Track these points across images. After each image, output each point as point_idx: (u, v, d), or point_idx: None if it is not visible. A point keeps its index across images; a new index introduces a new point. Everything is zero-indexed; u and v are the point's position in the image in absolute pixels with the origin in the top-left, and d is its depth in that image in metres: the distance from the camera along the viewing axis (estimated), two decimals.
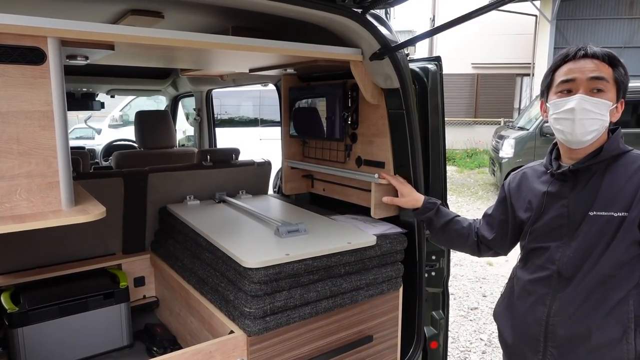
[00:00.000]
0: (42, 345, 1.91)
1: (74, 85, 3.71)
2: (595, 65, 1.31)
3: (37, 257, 2.17)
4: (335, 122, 2.27)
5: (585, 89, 1.31)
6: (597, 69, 1.31)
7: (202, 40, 1.56)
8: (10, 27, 1.17)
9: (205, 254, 1.92)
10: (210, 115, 4.23)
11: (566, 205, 1.38)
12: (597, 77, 1.31)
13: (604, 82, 1.31)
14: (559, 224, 1.39)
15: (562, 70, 1.36)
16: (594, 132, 1.32)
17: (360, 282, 1.83)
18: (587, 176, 1.36)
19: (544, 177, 1.47)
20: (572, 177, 1.38)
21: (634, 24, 12.38)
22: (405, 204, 1.90)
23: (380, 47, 1.83)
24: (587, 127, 1.31)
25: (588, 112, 1.30)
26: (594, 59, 1.32)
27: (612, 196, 1.31)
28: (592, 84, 1.31)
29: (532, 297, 1.45)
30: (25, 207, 1.24)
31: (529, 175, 1.54)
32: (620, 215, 1.28)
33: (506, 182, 1.63)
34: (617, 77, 1.32)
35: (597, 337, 1.33)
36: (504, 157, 8.58)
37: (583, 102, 1.30)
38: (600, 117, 1.31)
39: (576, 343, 1.36)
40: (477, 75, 15.11)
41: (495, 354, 3.59)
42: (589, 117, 1.30)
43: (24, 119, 1.21)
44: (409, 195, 1.88)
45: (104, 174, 2.38)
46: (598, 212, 1.31)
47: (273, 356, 1.66)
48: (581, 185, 1.37)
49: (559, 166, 1.43)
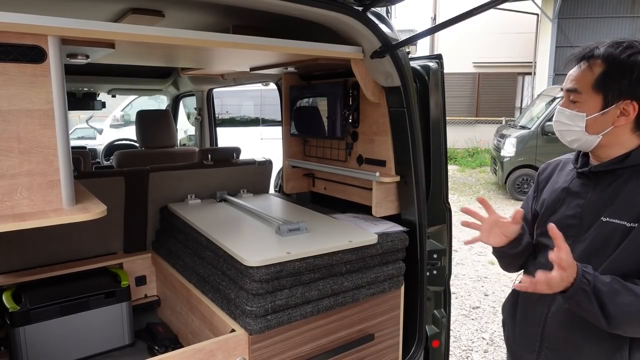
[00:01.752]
0: (44, 344, 1.91)
1: (75, 85, 3.72)
2: (581, 71, 1.28)
3: (39, 257, 2.17)
4: (336, 120, 2.27)
5: (565, 101, 1.33)
6: (575, 78, 1.29)
7: (204, 39, 1.56)
8: (11, 25, 1.17)
9: (207, 252, 1.92)
10: (211, 114, 4.23)
11: (581, 206, 1.34)
12: (570, 89, 1.30)
13: (576, 94, 1.28)
14: (569, 224, 1.35)
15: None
16: (575, 142, 1.33)
17: (362, 280, 1.82)
18: (610, 180, 1.30)
19: (570, 173, 1.44)
20: (593, 178, 1.34)
21: (636, 22, 12.33)
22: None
23: (381, 45, 1.83)
24: (566, 137, 1.34)
25: (562, 124, 1.32)
26: (584, 61, 1.27)
27: (628, 205, 1.25)
28: (569, 95, 1.31)
29: (535, 294, 1.42)
30: (26, 205, 1.24)
31: (560, 167, 1.51)
32: (630, 226, 1.22)
33: (537, 174, 1.59)
34: (603, 81, 1.23)
35: (590, 347, 1.30)
36: (506, 156, 8.57)
37: (558, 115, 1.33)
38: (574, 128, 1.30)
39: (570, 348, 1.33)
40: (478, 74, 15.09)
41: (498, 352, 3.58)
42: (563, 128, 1.33)
43: (24, 118, 1.21)
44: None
45: (105, 173, 2.39)
46: (610, 218, 1.26)
47: (274, 355, 1.66)
48: (601, 188, 1.32)
49: (584, 163, 1.39)
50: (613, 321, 1.17)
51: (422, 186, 1.98)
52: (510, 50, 14.48)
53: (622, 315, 1.16)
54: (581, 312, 1.21)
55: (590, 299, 1.16)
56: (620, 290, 1.17)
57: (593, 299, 1.16)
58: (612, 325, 1.18)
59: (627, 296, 1.16)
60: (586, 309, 1.18)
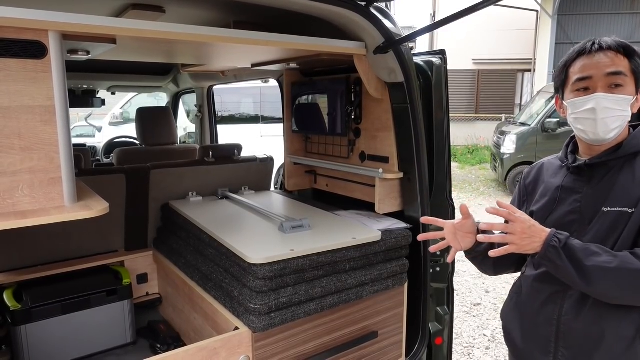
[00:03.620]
0: (45, 343, 1.90)
1: (75, 82, 3.70)
2: (611, 59, 1.26)
3: (40, 255, 2.16)
4: (338, 117, 2.25)
5: (604, 86, 1.26)
6: (613, 63, 1.26)
7: (206, 34, 1.54)
8: (11, 20, 1.16)
9: (209, 250, 1.91)
10: (212, 111, 4.21)
11: (579, 201, 1.34)
12: (615, 72, 1.25)
13: (622, 76, 1.25)
14: (570, 219, 1.35)
15: (576, 67, 1.31)
16: (617, 129, 1.29)
17: (365, 277, 1.81)
18: (604, 172, 1.32)
19: (560, 171, 1.44)
20: (588, 171, 1.35)
21: (635, 19, 12.32)
22: None
23: (385, 40, 1.81)
24: (610, 125, 1.27)
25: (609, 111, 1.26)
26: (608, 51, 1.26)
27: (625, 192, 1.27)
28: (610, 80, 1.26)
29: (542, 295, 1.41)
30: (28, 203, 1.23)
31: (545, 168, 1.51)
32: (631, 211, 1.25)
33: (520, 178, 1.60)
34: (634, 68, 1.27)
35: (611, 337, 1.29)
36: (506, 153, 8.56)
37: (603, 101, 1.25)
38: (622, 112, 1.27)
39: (589, 343, 1.32)
40: (478, 71, 15.06)
41: (499, 349, 3.58)
42: (610, 115, 1.26)
43: (25, 114, 1.20)
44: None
45: (106, 171, 2.37)
46: (611, 208, 1.28)
47: (278, 353, 1.65)
48: (596, 180, 1.33)
49: (575, 160, 1.40)
50: (587, 278, 1.20)
51: (425, 182, 1.97)
52: (510, 47, 14.46)
53: (598, 271, 1.19)
54: (556, 271, 1.26)
55: (560, 255, 1.21)
56: (598, 252, 1.22)
57: (563, 254, 1.21)
58: (588, 282, 1.21)
59: (605, 256, 1.21)
60: (560, 267, 1.23)
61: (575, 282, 1.23)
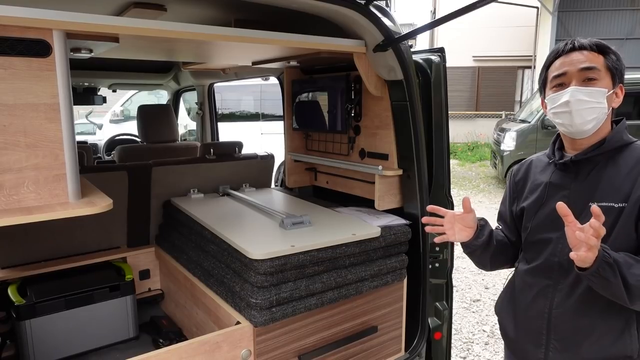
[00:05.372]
0: (49, 338, 1.92)
1: (76, 80, 3.71)
2: (585, 56, 1.33)
3: (44, 251, 2.18)
4: (338, 114, 2.27)
5: (578, 80, 1.33)
6: (587, 59, 1.33)
7: (208, 32, 1.56)
8: (16, 19, 1.18)
9: (210, 246, 1.93)
10: (213, 109, 4.23)
11: (567, 196, 1.38)
12: (588, 67, 1.32)
13: (595, 71, 1.32)
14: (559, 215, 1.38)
15: (554, 66, 1.39)
16: (593, 121, 1.33)
17: (365, 273, 1.84)
18: (589, 167, 1.37)
19: (547, 168, 1.48)
20: (574, 167, 1.39)
21: (636, 15, 12.30)
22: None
23: (384, 38, 1.83)
24: (585, 117, 1.32)
25: (583, 102, 1.32)
26: (582, 50, 1.34)
27: (613, 187, 1.31)
28: (584, 74, 1.33)
29: (533, 289, 1.45)
30: (33, 199, 1.25)
31: (533, 165, 1.55)
32: (619, 206, 1.29)
33: (510, 175, 1.63)
34: (609, 64, 1.33)
35: (600, 329, 1.33)
36: (506, 150, 8.56)
37: (576, 93, 1.32)
38: (597, 104, 1.31)
39: (579, 335, 1.36)
40: (478, 68, 15.05)
41: (498, 345, 3.61)
42: (584, 107, 1.32)
43: (30, 112, 1.22)
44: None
45: (108, 168, 2.40)
46: (599, 202, 1.30)
47: (279, 347, 1.68)
48: (583, 176, 1.37)
49: (561, 156, 1.44)
50: (632, 293, 1.17)
51: (424, 179, 1.99)
52: (510, 44, 14.44)
53: (638, 285, 1.17)
54: (605, 287, 1.20)
55: (615, 271, 1.16)
56: (632, 263, 1.19)
57: (617, 271, 1.16)
58: (632, 298, 1.19)
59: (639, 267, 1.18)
60: (611, 283, 1.17)
61: (620, 296, 1.19)
